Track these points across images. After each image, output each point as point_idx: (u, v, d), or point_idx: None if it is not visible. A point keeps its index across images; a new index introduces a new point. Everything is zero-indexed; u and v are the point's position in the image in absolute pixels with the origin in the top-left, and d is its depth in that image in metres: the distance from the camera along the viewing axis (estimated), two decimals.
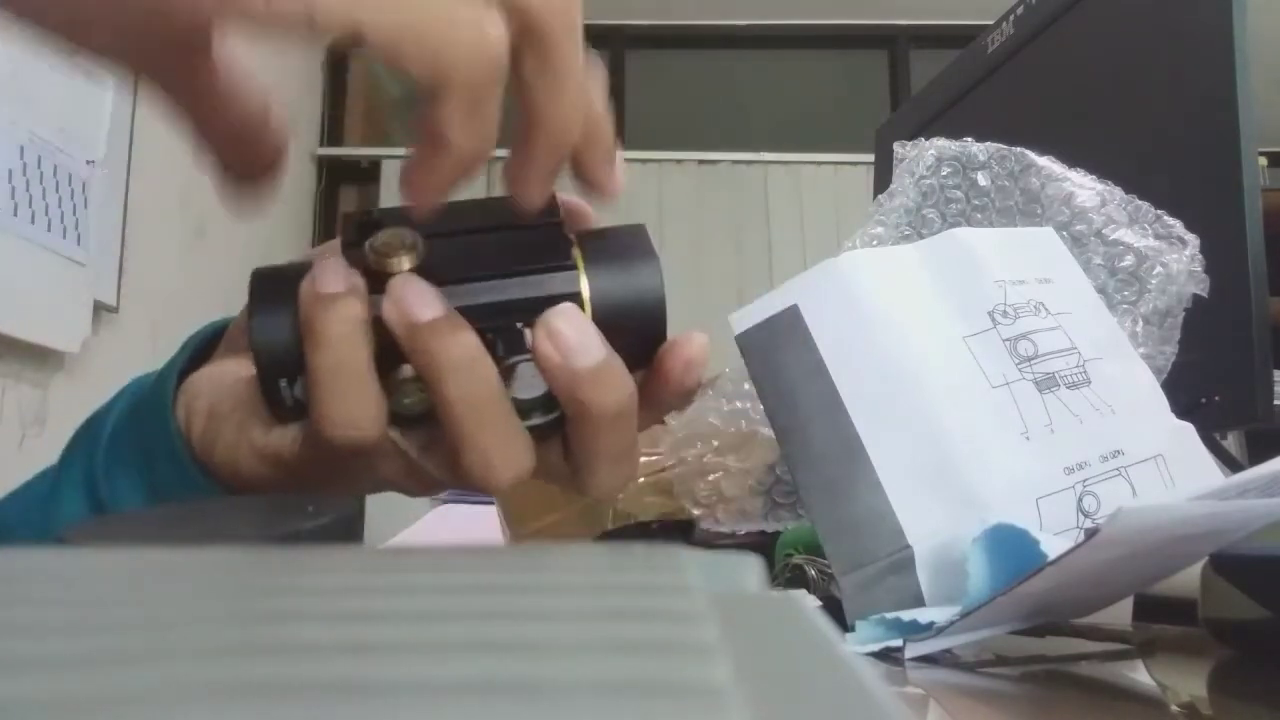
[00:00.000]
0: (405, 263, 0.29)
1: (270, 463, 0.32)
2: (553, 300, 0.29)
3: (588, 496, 0.32)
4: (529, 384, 0.30)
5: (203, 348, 0.37)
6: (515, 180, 0.29)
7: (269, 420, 0.31)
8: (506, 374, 0.29)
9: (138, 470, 0.35)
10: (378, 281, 0.29)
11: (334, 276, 0.29)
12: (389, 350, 0.29)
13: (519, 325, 0.29)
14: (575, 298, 0.30)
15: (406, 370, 0.29)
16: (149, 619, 0.11)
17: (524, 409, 0.30)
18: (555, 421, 0.30)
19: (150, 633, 0.10)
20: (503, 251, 0.30)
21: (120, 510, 0.34)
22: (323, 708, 0.08)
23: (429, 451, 0.31)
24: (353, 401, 0.28)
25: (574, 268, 0.30)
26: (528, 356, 0.29)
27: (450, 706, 0.08)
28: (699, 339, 0.32)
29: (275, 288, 0.30)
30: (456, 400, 0.28)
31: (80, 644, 0.10)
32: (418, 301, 0.28)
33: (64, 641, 0.10)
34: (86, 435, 0.37)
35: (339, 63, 3.35)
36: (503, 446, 0.29)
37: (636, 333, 0.30)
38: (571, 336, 0.28)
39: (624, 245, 0.31)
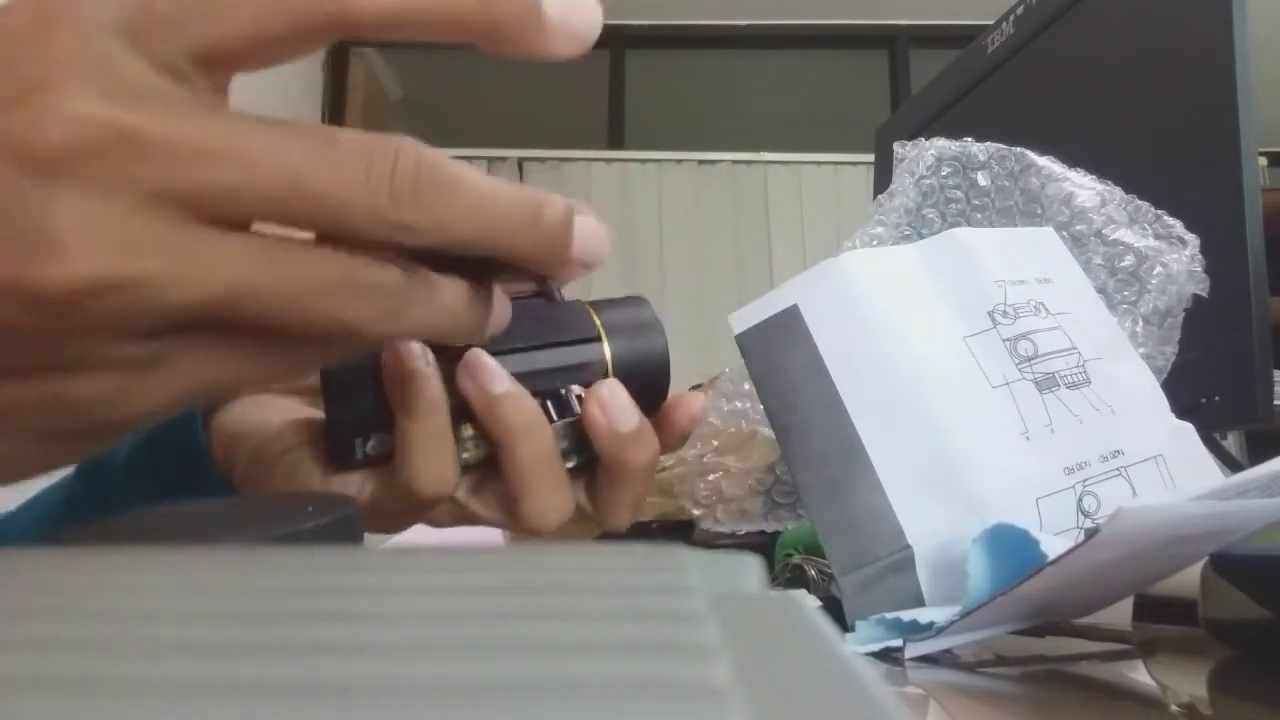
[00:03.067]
0: None
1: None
2: (585, 367, 0.35)
3: (602, 527, 0.37)
4: (562, 437, 0.35)
5: None
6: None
7: (328, 468, 0.34)
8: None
9: (156, 479, 0.37)
10: (437, 352, 0.33)
11: (415, 354, 0.32)
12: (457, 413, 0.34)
13: (563, 391, 0.35)
14: (603, 363, 0.36)
15: (467, 429, 0.34)
16: (147, 618, 0.11)
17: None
18: (580, 466, 0.36)
19: (149, 632, 0.10)
20: (536, 325, 0.35)
21: None
22: (322, 708, 0.08)
23: (476, 494, 0.35)
24: (441, 461, 0.33)
25: (599, 339, 0.36)
26: (572, 419, 0.34)
27: (451, 706, 0.08)
28: (700, 399, 0.37)
29: (348, 360, 0.34)
30: (525, 458, 0.33)
31: (78, 643, 0.10)
32: (492, 377, 0.33)
33: (62, 641, 0.10)
34: (94, 465, 0.38)
35: (339, 63, 3.36)
36: (556, 497, 0.34)
37: (648, 389, 0.36)
38: (616, 405, 0.34)
39: (633, 316, 0.37)
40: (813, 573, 0.56)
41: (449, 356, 0.33)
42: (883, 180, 0.96)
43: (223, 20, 0.22)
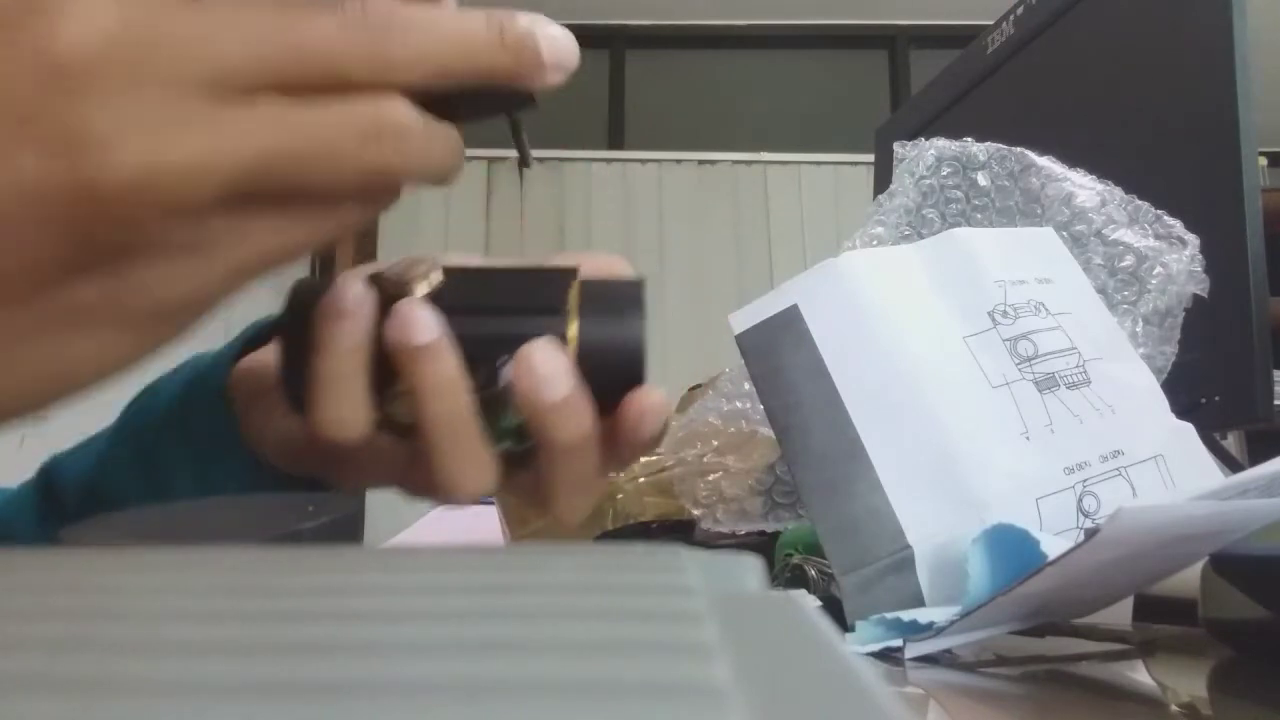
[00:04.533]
0: (419, 289, 0.32)
1: (283, 449, 0.36)
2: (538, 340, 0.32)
3: (556, 517, 0.34)
4: (510, 413, 0.32)
5: (256, 337, 0.40)
6: None
7: (288, 409, 0.34)
8: (491, 402, 0.32)
9: (188, 444, 0.38)
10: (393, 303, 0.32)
11: (348, 295, 0.31)
12: (393, 366, 0.32)
13: (504, 357, 0.32)
14: (561, 340, 0.32)
15: (398, 385, 0.32)
16: (148, 618, 0.11)
17: (501, 435, 0.33)
18: (531, 450, 0.33)
19: (149, 631, 0.10)
20: (506, 289, 0.33)
21: (171, 483, 0.38)
22: (322, 707, 0.08)
23: (416, 463, 0.33)
24: (340, 405, 0.31)
25: (564, 312, 0.33)
26: (503, 386, 0.32)
27: (450, 706, 0.08)
28: (656, 395, 0.33)
29: (304, 296, 0.33)
30: (433, 417, 0.31)
31: (78, 643, 0.10)
32: (414, 326, 0.31)
33: (62, 641, 0.10)
34: (143, 404, 0.40)
35: None
36: (468, 464, 0.32)
37: (614, 381, 0.33)
38: (544, 369, 0.31)
39: (618, 300, 0.34)
40: (813, 573, 0.56)
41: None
42: (883, 180, 0.96)
43: (225, 51, 0.24)
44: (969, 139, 0.57)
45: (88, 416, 0.39)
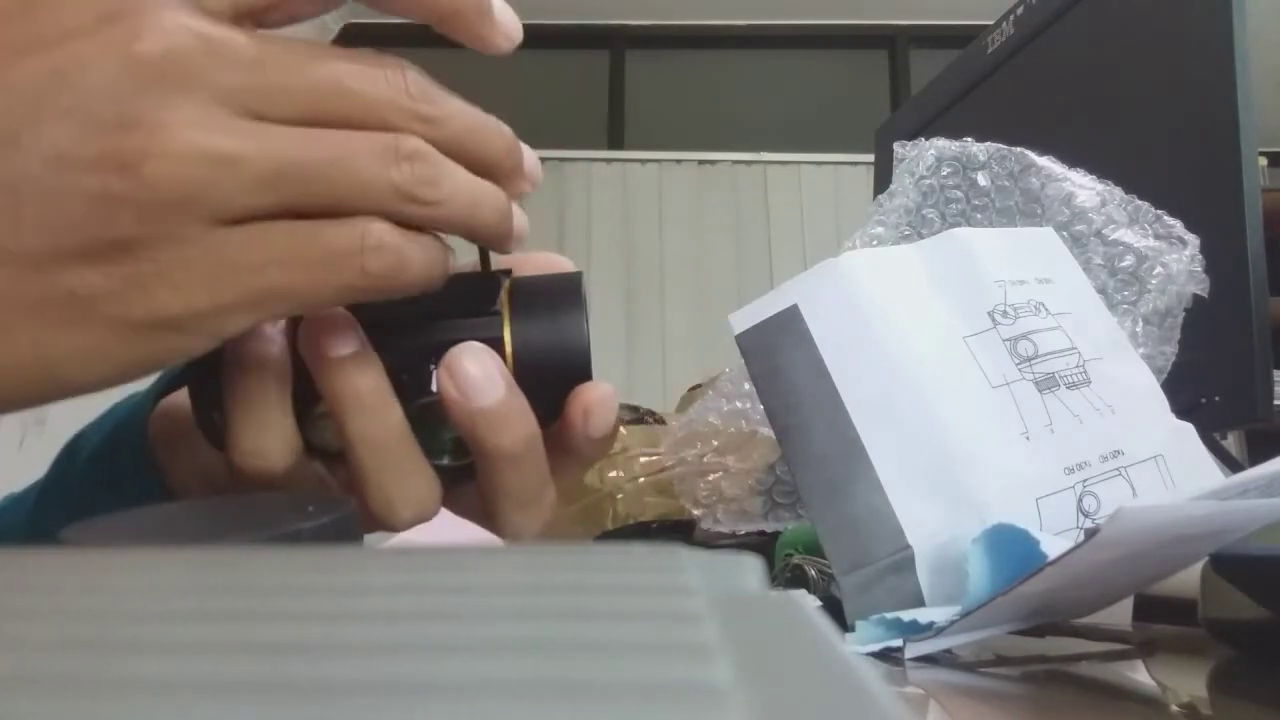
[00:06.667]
0: None
1: (210, 487, 0.34)
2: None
3: (500, 537, 0.32)
4: (447, 426, 0.30)
5: (177, 377, 0.37)
6: None
7: (209, 446, 0.31)
8: (423, 414, 0.29)
9: (114, 491, 0.35)
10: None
11: None
12: (314, 385, 0.29)
13: (431, 367, 0.29)
14: (496, 342, 0.29)
15: (322, 406, 0.29)
16: (147, 618, 0.11)
17: (437, 450, 0.30)
18: (471, 465, 0.30)
19: (147, 631, 0.10)
20: (436, 295, 0.29)
21: None
22: (321, 707, 0.08)
23: (352, 492, 0.30)
24: (260, 432, 0.29)
25: (498, 313, 0.30)
26: (435, 396, 0.29)
27: (449, 706, 0.08)
28: (603, 387, 0.31)
29: None
30: (358, 438, 0.28)
31: (78, 643, 0.10)
32: (331, 337, 0.28)
33: (62, 641, 0.10)
34: (70, 452, 0.38)
35: None
36: (404, 487, 0.29)
37: (558, 383, 0.30)
38: (473, 374, 0.28)
39: (554, 294, 0.31)
40: (813, 573, 0.56)
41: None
42: (883, 180, 0.96)
43: None
44: (969, 139, 0.57)
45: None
